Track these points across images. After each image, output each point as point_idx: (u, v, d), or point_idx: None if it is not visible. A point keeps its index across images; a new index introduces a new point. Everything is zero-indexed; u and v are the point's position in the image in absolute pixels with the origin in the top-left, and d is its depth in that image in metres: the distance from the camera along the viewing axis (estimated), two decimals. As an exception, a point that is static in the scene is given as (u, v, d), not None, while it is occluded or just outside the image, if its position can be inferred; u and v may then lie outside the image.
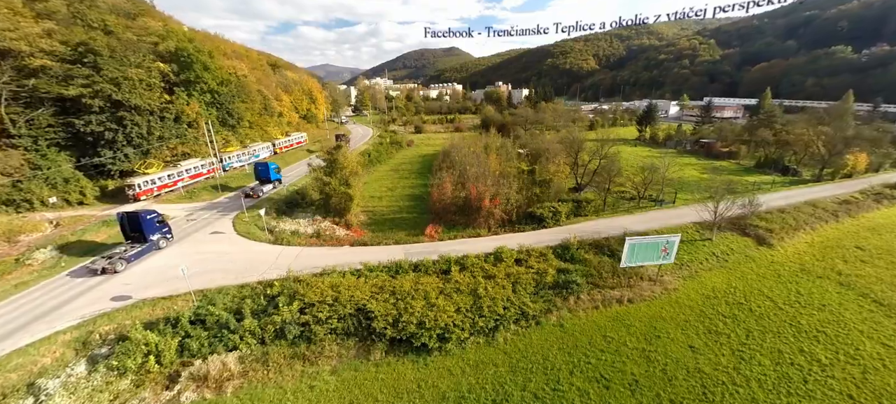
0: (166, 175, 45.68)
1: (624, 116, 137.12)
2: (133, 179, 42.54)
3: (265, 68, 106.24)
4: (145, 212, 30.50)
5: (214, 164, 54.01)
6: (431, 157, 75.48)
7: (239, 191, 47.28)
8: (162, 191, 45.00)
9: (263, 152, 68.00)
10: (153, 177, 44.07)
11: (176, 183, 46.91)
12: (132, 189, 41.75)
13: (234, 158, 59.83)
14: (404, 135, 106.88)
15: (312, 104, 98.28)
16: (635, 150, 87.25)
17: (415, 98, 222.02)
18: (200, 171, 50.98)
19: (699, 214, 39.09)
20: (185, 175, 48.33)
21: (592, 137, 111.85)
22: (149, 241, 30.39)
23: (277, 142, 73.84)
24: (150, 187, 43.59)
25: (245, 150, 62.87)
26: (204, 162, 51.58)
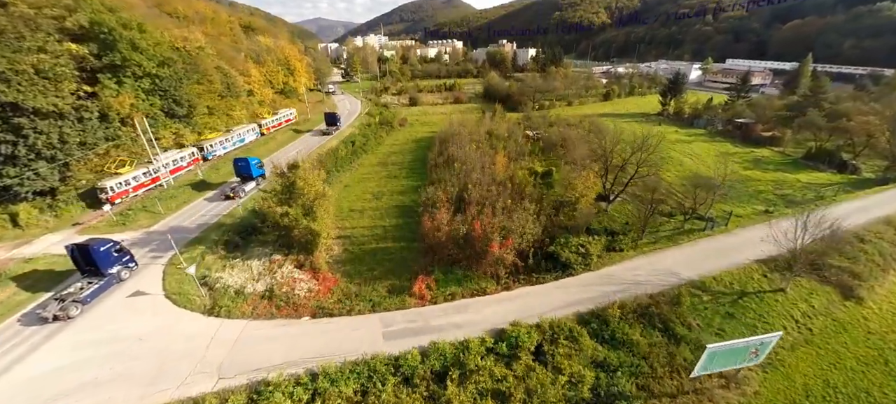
0: (141, 173, 41.60)
1: (642, 83, 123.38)
2: (104, 182, 38.08)
3: (235, 33, 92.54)
4: (99, 243, 26.46)
5: (195, 155, 50.49)
6: (427, 142, 65.21)
7: (220, 190, 43.83)
8: (140, 191, 41.49)
9: (249, 135, 62.45)
10: (127, 178, 39.85)
11: (155, 180, 43.39)
12: (104, 193, 37.68)
13: (216, 146, 54.70)
14: (397, 109, 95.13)
15: (290, 76, 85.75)
16: (659, 130, 76.09)
17: (411, 59, 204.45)
18: (180, 165, 47.61)
19: (763, 246, 30.54)
20: (164, 170, 44.42)
21: (609, 111, 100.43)
22: (107, 276, 26.64)
23: (264, 122, 67.49)
24: (124, 189, 39.62)
25: (229, 135, 57.53)
26: (183, 153, 48.31)
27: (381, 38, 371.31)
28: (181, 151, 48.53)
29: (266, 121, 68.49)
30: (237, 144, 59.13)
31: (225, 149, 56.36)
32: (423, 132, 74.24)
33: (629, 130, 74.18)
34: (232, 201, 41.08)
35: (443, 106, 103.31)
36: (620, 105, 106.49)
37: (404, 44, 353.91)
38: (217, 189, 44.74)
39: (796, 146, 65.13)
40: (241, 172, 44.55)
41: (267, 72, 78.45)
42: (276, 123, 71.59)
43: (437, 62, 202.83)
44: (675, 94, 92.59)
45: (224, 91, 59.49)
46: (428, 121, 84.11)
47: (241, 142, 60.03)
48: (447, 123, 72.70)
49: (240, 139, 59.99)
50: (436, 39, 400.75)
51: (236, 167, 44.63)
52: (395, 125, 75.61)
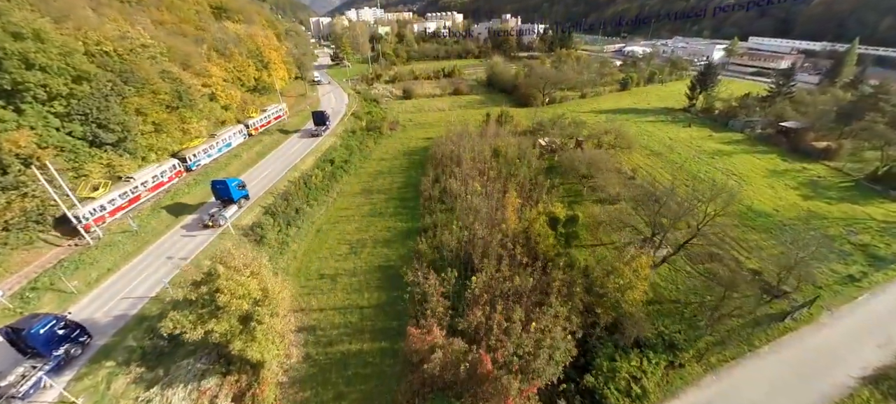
0: (119, 194, 38.36)
1: (662, 69, 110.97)
2: (78, 210, 34.39)
3: (202, 20, 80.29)
4: (37, 323, 22.87)
5: (177, 167, 46.92)
6: (421, 154, 55.41)
7: (199, 216, 39.96)
8: (119, 213, 38.36)
9: (236, 138, 58.10)
10: (102, 202, 36.57)
11: (135, 199, 40.38)
12: (79, 221, 34.26)
13: (200, 154, 50.58)
14: (387, 105, 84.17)
15: (264, 69, 74.27)
16: (690, 135, 66.17)
17: (407, 36, 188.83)
18: (162, 181, 44.16)
19: (871, 349, 22.15)
20: (143, 189, 41.38)
21: (628, 104, 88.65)
22: (53, 357, 23.20)
23: (252, 122, 62.62)
24: (100, 215, 36.31)
25: (214, 140, 53.26)
26: (163, 167, 44.64)
27: (377, 11, 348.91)
28: (161, 165, 44.78)
29: (254, 121, 63.18)
30: (223, 150, 55.17)
31: (210, 156, 52.38)
32: (417, 139, 63.93)
33: (660, 139, 64.71)
34: (212, 230, 37.63)
35: (441, 99, 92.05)
36: (640, 96, 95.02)
37: (401, 17, 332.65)
38: (197, 212, 41.06)
39: (853, 158, 55.31)
40: (221, 196, 40.21)
41: (234, 67, 67.17)
42: (264, 122, 66.41)
43: (436, 40, 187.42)
44: (704, 87, 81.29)
45: (175, 101, 49.03)
46: (423, 122, 73.52)
47: (227, 147, 55.95)
48: (445, 129, 62.64)
49: (226, 144, 55.73)
50: (435, 11, 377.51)
51: (215, 191, 40.07)
52: (384, 130, 65.18)
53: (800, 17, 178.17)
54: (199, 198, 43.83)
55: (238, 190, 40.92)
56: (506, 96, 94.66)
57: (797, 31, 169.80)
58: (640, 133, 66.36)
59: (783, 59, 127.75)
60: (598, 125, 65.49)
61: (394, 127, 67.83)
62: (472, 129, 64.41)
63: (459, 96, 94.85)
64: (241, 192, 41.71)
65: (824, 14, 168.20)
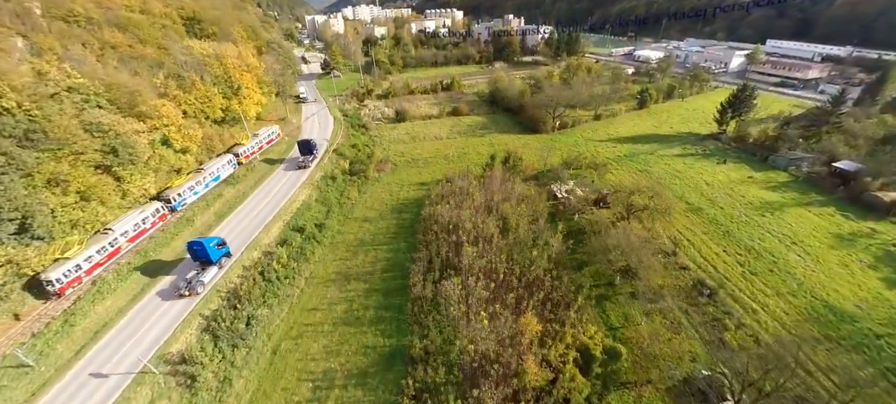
0: (96, 251, 35.49)
1: (682, 83, 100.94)
2: (48, 273, 31.76)
3: (167, 37, 70.47)
4: None
5: (162, 211, 43.94)
6: (414, 210, 46.08)
7: (175, 283, 35.65)
8: (96, 271, 35.66)
9: (225, 170, 54.37)
10: (78, 261, 33.67)
11: (115, 253, 37.66)
12: (51, 285, 31.74)
13: (186, 193, 47.36)
14: (377, 132, 74.57)
15: (234, 96, 64.46)
16: (727, 175, 56.73)
17: (404, 38, 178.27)
18: (144, 228, 41.22)
19: None
20: (123, 240, 38.44)
21: (650, 129, 78.30)
22: None
23: (242, 150, 58.79)
24: (76, 276, 33.60)
25: (200, 175, 50.02)
26: (145, 213, 41.52)
27: (374, 8, 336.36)
28: (143, 211, 41.50)
29: (244, 149, 59.25)
30: (211, 184, 51.30)
31: (197, 194, 48.84)
32: (409, 185, 54.40)
33: (694, 182, 53.50)
34: (189, 299, 33.58)
35: (439, 121, 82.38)
36: (660, 116, 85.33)
37: (399, 14, 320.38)
38: (175, 271, 37.36)
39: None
40: (199, 257, 36.27)
41: (197, 98, 57.51)
42: (257, 147, 62.93)
43: (434, 43, 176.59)
44: (738, 111, 71.60)
45: (108, 159, 39.70)
46: (418, 157, 63.94)
47: (215, 180, 52.17)
48: (443, 169, 53.37)
49: (213, 177, 51.98)
50: (434, 9, 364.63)
51: (192, 252, 36.11)
52: (370, 173, 55.59)
53: (821, 18, 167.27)
54: (178, 252, 39.85)
55: (217, 249, 36.81)
56: (511, 117, 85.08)
57: (818, 33, 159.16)
58: (669, 174, 57.06)
59: (810, 68, 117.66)
60: (624, 178, 55.99)
61: (383, 167, 58.33)
62: (474, 171, 55.53)
63: (459, 117, 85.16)
64: (221, 251, 37.68)
65: (848, 15, 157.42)
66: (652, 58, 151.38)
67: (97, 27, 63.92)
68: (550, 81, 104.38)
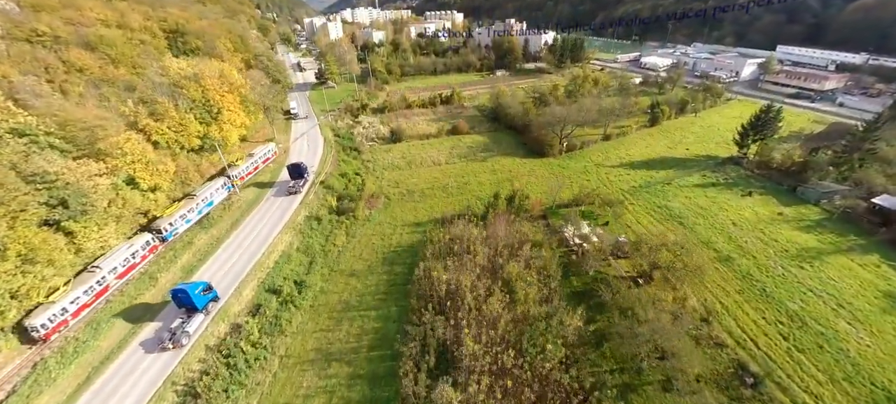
0: (83, 291, 34.03)
1: (695, 96, 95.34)
2: (32, 319, 30.28)
3: (144, 54, 65.33)
4: None
5: (152, 243, 42.69)
6: (407, 265, 40.74)
7: (160, 328, 33.83)
8: (84, 312, 34.08)
9: (219, 194, 52.61)
10: (63, 305, 32.26)
11: (103, 292, 36.16)
12: (36, 331, 30.31)
13: (177, 221, 45.92)
14: (371, 157, 69.18)
15: (214, 121, 59.08)
16: (754, 210, 51.37)
17: (403, 44, 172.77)
18: (134, 262, 39.94)
19: None
20: (111, 277, 37.19)
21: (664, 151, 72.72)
22: None
23: (236, 172, 57.05)
24: (62, 319, 32.19)
25: (192, 202, 48.14)
26: (134, 246, 40.20)
27: (373, 11, 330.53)
28: (131, 244, 39.87)
29: (238, 171, 57.68)
30: (204, 211, 49.48)
31: (189, 222, 47.18)
32: (403, 226, 48.92)
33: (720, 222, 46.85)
34: (173, 353, 31.42)
35: (437, 142, 76.99)
36: (674, 135, 79.94)
37: (398, 16, 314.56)
38: (160, 316, 35.16)
39: None
40: (183, 304, 34.29)
41: (171, 126, 52.19)
42: (253, 167, 61.41)
43: (434, 50, 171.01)
44: (761, 134, 66.13)
45: (56, 213, 34.42)
46: (414, 188, 58.51)
47: (208, 206, 50.35)
48: (441, 205, 48.11)
49: (207, 203, 50.13)
50: (434, 11, 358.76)
51: (176, 300, 34.28)
52: (360, 212, 50.14)
53: (833, 23, 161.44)
54: (164, 292, 37.37)
55: (202, 295, 34.49)
56: (514, 136, 79.74)
57: (830, 39, 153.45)
58: (692, 210, 51.73)
59: (827, 78, 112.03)
60: (641, 216, 50.72)
61: (374, 204, 52.93)
62: (476, 208, 50.34)
63: (459, 136, 79.78)
64: (208, 297, 35.33)
65: (863, 21, 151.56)
66: (659, 65, 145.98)
67: (64, 47, 58.65)
68: (555, 95, 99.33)
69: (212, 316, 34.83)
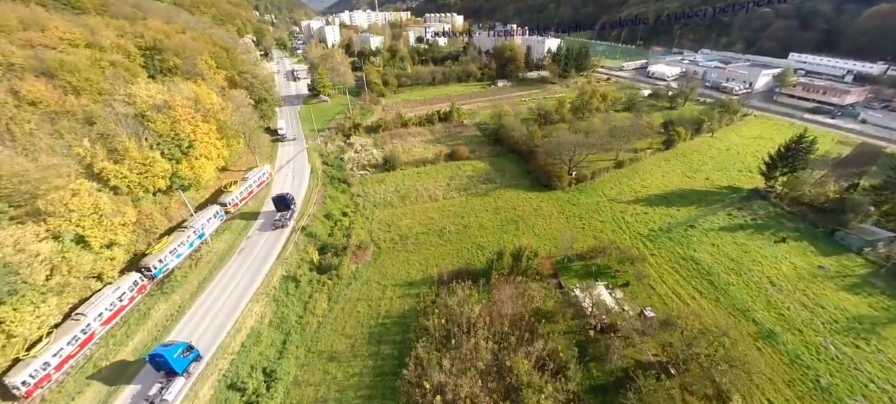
0: (66, 342, 32.37)
1: (712, 113, 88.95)
2: (12, 377, 28.89)
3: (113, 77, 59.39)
4: None
5: (141, 282, 40.63)
6: (398, 347, 34.78)
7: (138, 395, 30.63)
8: (68, 364, 32.61)
9: (211, 224, 51.16)
10: (45, 359, 30.77)
11: (89, 340, 34.39)
12: (17, 389, 28.86)
13: (168, 257, 44.09)
14: (361, 191, 63.13)
15: (183, 156, 52.94)
16: (791, 261, 45.36)
17: (401, 51, 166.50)
18: (122, 305, 37.91)
19: None
20: (97, 324, 35.21)
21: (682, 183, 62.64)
22: None
23: (229, 199, 55.51)
24: (46, 373, 30.79)
25: (183, 235, 46.32)
26: (122, 288, 38.11)
27: (371, 14, 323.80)
28: (118, 287, 38.35)
29: (232, 197, 56.02)
30: (195, 243, 47.71)
31: (180, 256, 45.46)
32: (394, 289, 42.55)
33: (755, 278, 40.46)
34: None
35: (434, 170, 70.89)
36: (692, 159, 73.87)
37: (397, 18, 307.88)
38: (139, 378, 32.79)
39: None
40: (161, 367, 32.01)
41: (133, 167, 46.13)
42: (247, 192, 59.58)
43: (433, 57, 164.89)
44: (791, 166, 60.01)
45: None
46: (407, 234, 52.26)
47: (200, 238, 48.40)
48: (437, 257, 42.10)
49: (198, 235, 48.17)
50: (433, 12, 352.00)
51: (153, 364, 32.13)
52: (345, 270, 43.92)
53: (848, 30, 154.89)
54: (145, 346, 35.31)
55: (182, 358, 32.06)
56: (518, 163, 73.67)
57: (845, 47, 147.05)
58: (722, 265, 45.55)
59: (849, 92, 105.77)
60: (666, 273, 44.69)
61: (362, 256, 46.83)
62: (476, 264, 44.42)
63: (458, 163, 73.68)
64: (188, 358, 32.84)
65: (879, 28, 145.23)
66: (668, 74, 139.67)
67: (19, 75, 52.58)
68: (561, 113, 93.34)
69: (194, 378, 32.38)
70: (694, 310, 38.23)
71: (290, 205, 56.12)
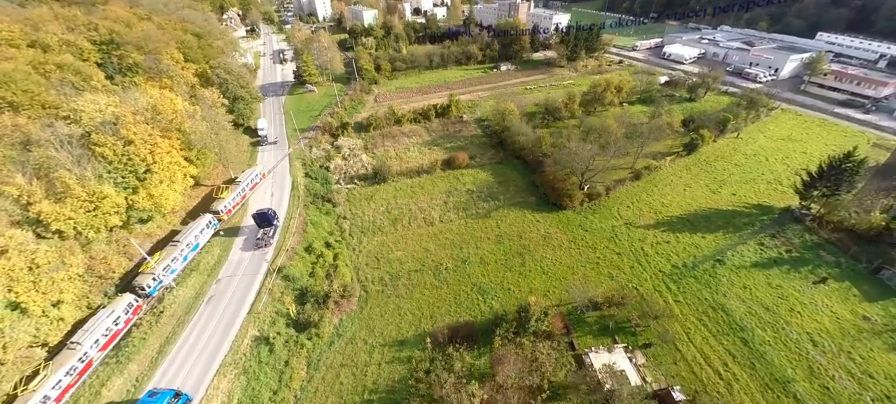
0: (64, 373, 31.83)
1: (736, 114, 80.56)
2: None
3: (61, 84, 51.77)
4: None
5: (136, 303, 39.83)
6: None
7: None
8: (69, 392, 32.38)
9: (205, 234, 49.90)
10: (44, 392, 30.25)
11: (87, 368, 34.15)
12: None
13: (162, 274, 42.31)
14: (348, 213, 56.61)
15: (140, 183, 46.17)
16: (832, 310, 39.95)
17: (396, 28, 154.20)
18: (117, 329, 36.95)
19: None
20: (94, 350, 34.53)
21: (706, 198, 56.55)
22: None
23: (222, 206, 53.83)
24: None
25: (177, 248, 44.55)
26: (116, 312, 37.15)
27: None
28: (112, 311, 36.96)
29: (225, 204, 54.24)
30: (190, 255, 46.73)
31: (174, 272, 44.20)
32: (382, 351, 36.68)
33: (793, 337, 34.20)
34: None
35: (430, 183, 64.08)
36: (716, 169, 66.79)
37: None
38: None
39: None
40: None
41: (76, 207, 39.49)
42: (241, 197, 57.74)
43: (430, 35, 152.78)
44: (833, 188, 53.05)
45: None
46: (398, 271, 45.99)
47: (194, 249, 47.55)
48: (433, 316, 36.85)
49: (193, 247, 47.26)
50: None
51: None
52: (326, 325, 38.29)
53: (883, 7, 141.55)
54: None
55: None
56: (523, 171, 66.77)
57: (879, 28, 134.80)
58: (755, 318, 39.89)
59: (886, 84, 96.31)
60: (693, 328, 38.92)
61: (346, 306, 41.03)
62: (479, 317, 38.92)
63: (457, 173, 66.73)
64: None
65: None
66: (685, 56, 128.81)
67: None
68: (570, 109, 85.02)
69: None
70: (727, 381, 33.22)
71: (273, 221, 52.89)
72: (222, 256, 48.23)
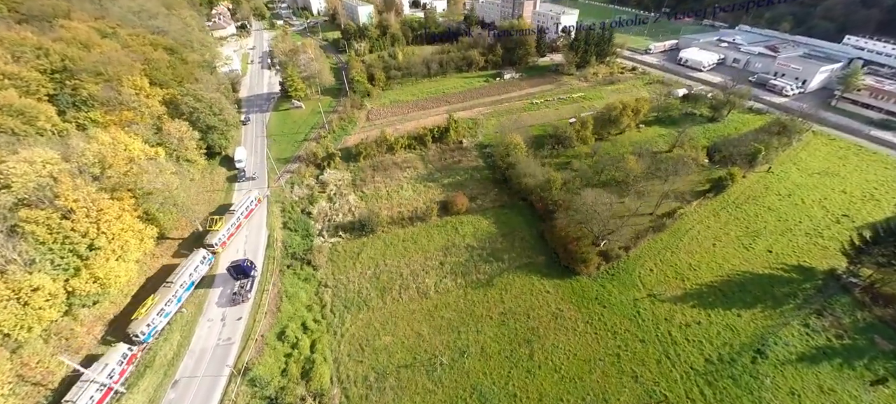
0: None
1: (768, 143, 72.06)
2: None
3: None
4: None
5: (130, 353, 38.67)
6: None
7: None
8: None
9: (200, 270, 47.79)
10: None
11: None
12: None
13: (155, 319, 40.62)
14: (331, 272, 49.71)
15: (83, 262, 39.29)
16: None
17: (392, 27, 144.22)
18: (110, 385, 35.39)
19: None
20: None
21: (739, 256, 47.23)
22: None
23: (216, 239, 51.53)
24: None
25: (169, 290, 42.56)
26: (109, 364, 35.87)
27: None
28: (105, 365, 35.44)
29: (219, 236, 52.18)
30: (184, 297, 44.99)
31: (168, 315, 42.45)
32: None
33: None
34: None
35: (425, 240, 56.66)
36: (748, 214, 59.48)
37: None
38: None
39: None
40: None
41: (2, 303, 32.91)
42: (235, 225, 55.52)
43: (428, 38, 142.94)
44: (890, 256, 45.53)
45: None
46: (386, 366, 39.57)
47: (189, 290, 45.91)
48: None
49: (186, 287, 45.34)
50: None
51: None
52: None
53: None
54: None
55: None
56: (530, 219, 59.55)
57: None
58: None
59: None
60: None
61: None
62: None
63: (455, 222, 59.43)
64: None
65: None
66: (703, 63, 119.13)
67: None
68: (582, 136, 76.93)
69: None
70: None
71: (250, 273, 49.22)
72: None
